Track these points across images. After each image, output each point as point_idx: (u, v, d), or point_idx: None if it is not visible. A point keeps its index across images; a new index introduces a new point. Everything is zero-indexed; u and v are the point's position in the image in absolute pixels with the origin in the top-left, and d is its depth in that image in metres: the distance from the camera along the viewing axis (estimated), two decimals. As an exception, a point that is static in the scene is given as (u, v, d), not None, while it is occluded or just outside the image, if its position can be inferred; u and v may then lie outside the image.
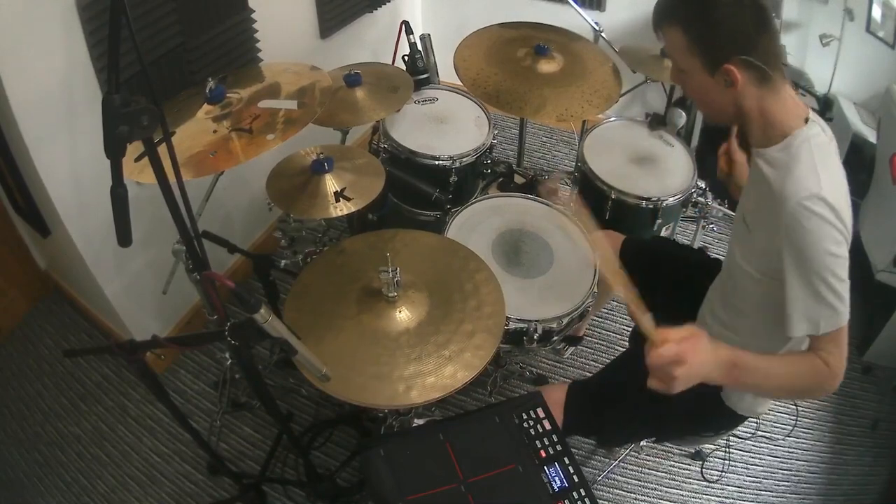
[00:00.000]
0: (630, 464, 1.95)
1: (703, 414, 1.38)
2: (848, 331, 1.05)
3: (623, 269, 1.49)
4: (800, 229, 0.99)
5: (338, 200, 1.53)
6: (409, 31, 2.32)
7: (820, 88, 2.37)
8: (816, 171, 1.01)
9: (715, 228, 2.59)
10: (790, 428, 2.01)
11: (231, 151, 1.34)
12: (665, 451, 1.98)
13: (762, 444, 1.99)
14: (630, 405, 1.38)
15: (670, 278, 1.59)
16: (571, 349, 2.22)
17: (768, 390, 1.19)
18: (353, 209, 1.53)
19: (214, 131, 1.38)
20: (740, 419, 1.40)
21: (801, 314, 1.04)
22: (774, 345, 1.19)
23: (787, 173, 1.03)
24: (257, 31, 1.96)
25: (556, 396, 1.38)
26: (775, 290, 1.08)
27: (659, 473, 1.93)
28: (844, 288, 1.02)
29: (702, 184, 2.08)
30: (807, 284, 1.02)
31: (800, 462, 1.96)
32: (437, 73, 2.46)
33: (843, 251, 1.01)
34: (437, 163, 1.99)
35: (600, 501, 1.66)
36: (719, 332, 1.33)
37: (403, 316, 1.32)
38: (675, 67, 1.11)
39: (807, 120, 1.07)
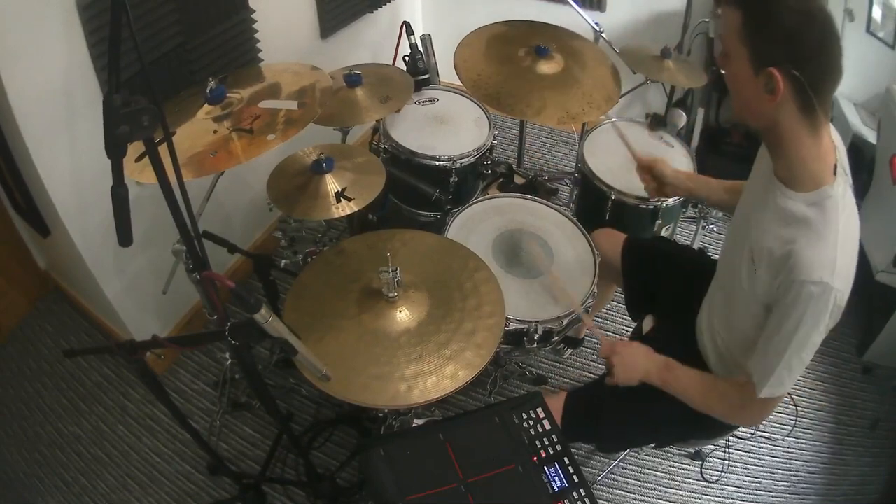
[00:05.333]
0: (630, 464, 1.95)
1: (699, 419, 1.38)
2: (780, 399, 1.16)
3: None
4: (795, 306, 1.01)
5: (339, 201, 1.53)
6: (410, 32, 2.32)
7: (820, 89, 2.37)
8: (836, 252, 0.99)
9: (715, 229, 2.59)
10: (790, 428, 2.01)
11: (231, 151, 1.34)
12: (665, 451, 1.98)
13: (762, 444, 1.99)
14: (627, 412, 1.39)
15: (670, 279, 1.60)
16: (570, 351, 2.22)
17: (690, 402, 1.26)
18: (354, 209, 1.53)
19: (215, 131, 1.38)
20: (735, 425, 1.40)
21: (756, 370, 1.12)
22: None
23: (809, 243, 1.00)
24: (257, 31, 1.96)
25: (554, 406, 1.38)
26: None
27: (659, 473, 1.93)
28: (800, 369, 1.08)
29: (702, 184, 2.08)
30: (773, 352, 1.08)
31: (800, 462, 1.96)
32: (438, 74, 2.46)
33: (821, 336, 1.05)
34: (437, 163, 1.99)
35: (600, 501, 1.66)
36: (717, 349, 1.34)
37: (404, 316, 1.32)
38: (723, 49, 1.05)
39: (835, 168, 1.04)
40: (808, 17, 0.94)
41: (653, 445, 1.76)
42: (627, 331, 2.27)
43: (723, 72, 1.08)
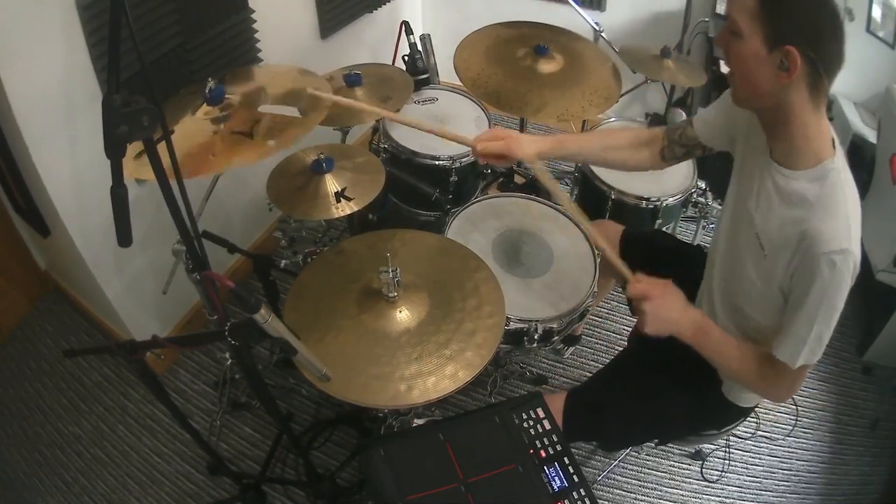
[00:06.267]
0: (630, 464, 1.95)
1: (705, 411, 1.38)
2: (809, 369, 1.14)
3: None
4: (819, 279, 1.02)
5: (339, 201, 1.53)
6: (409, 32, 2.32)
7: (820, 88, 2.38)
8: (849, 220, 1.01)
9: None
10: (790, 428, 2.01)
11: (232, 154, 1.34)
12: (665, 451, 1.98)
13: (762, 444, 1.99)
14: (629, 410, 1.39)
15: (668, 272, 1.59)
16: (571, 349, 2.22)
17: (720, 367, 1.25)
18: (354, 209, 1.53)
19: (215, 132, 1.38)
20: (743, 413, 1.40)
21: (787, 344, 1.10)
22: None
23: (820, 217, 1.02)
24: (257, 31, 1.96)
25: (555, 405, 1.37)
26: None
27: (659, 473, 1.93)
28: (828, 336, 1.08)
29: (702, 184, 2.09)
30: (801, 325, 1.07)
31: (800, 462, 1.96)
32: (437, 74, 2.46)
33: (843, 302, 1.05)
34: (437, 163, 1.99)
35: (600, 501, 1.66)
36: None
37: (404, 316, 1.32)
38: (728, 28, 1.03)
39: (833, 144, 1.05)
40: (818, 1, 0.96)
41: (654, 443, 1.76)
42: (627, 330, 2.27)
43: (725, 52, 1.06)
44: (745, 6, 0.99)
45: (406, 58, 2.31)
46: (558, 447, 1.15)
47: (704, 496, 1.88)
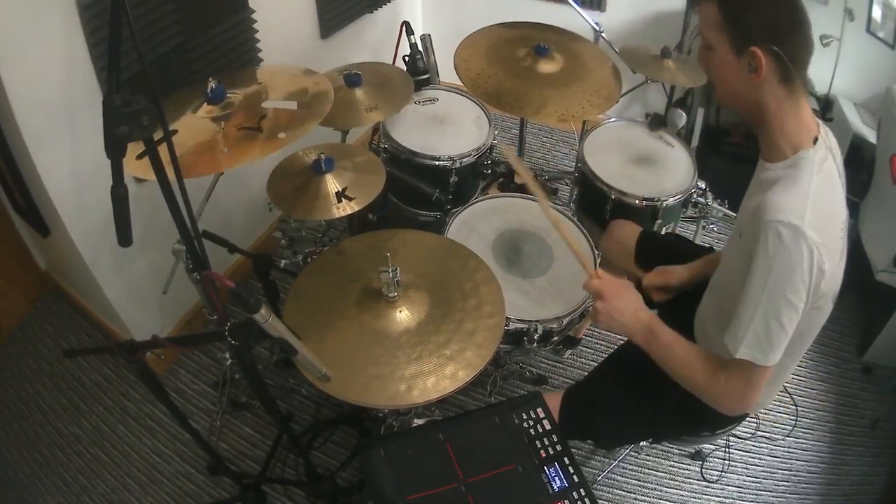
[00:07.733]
0: (630, 464, 1.95)
1: (698, 412, 1.38)
2: (764, 376, 1.08)
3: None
4: (763, 250, 1.00)
5: (339, 201, 1.53)
6: (410, 32, 2.32)
7: (820, 89, 2.38)
8: (807, 202, 1.00)
9: (715, 228, 2.58)
10: (790, 428, 2.01)
11: (244, 149, 1.34)
12: (665, 451, 1.98)
13: (762, 444, 1.99)
14: (622, 409, 1.39)
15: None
16: (570, 351, 2.22)
17: (670, 371, 1.21)
18: (355, 209, 1.52)
19: (217, 130, 1.38)
20: (737, 417, 1.40)
21: (732, 327, 1.07)
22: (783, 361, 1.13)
23: (777, 190, 1.04)
24: (257, 31, 1.96)
25: (551, 404, 1.37)
26: None
27: (659, 473, 1.93)
28: (779, 337, 1.03)
29: (702, 184, 2.08)
30: (748, 304, 1.04)
31: (800, 462, 1.96)
32: (438, 74, 2.46)
33: (799, 300, 1.00)
34: (437, 163, 1.98)
35: (600, 501, 1.66)
36: (709, 345, 1.33)
37: (404, 316, 1.32)
38: (703, 45, 1.12)
39: (815, 140, 1.07)
40: None
41: (649, 442, 1.76)
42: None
43: (705, 67, 1.14)
44: (711, 20, 1.07)
45: (406, 58, 2.31)
46: (558, 447, 1.15)
47: (704, 496, 1.88)
